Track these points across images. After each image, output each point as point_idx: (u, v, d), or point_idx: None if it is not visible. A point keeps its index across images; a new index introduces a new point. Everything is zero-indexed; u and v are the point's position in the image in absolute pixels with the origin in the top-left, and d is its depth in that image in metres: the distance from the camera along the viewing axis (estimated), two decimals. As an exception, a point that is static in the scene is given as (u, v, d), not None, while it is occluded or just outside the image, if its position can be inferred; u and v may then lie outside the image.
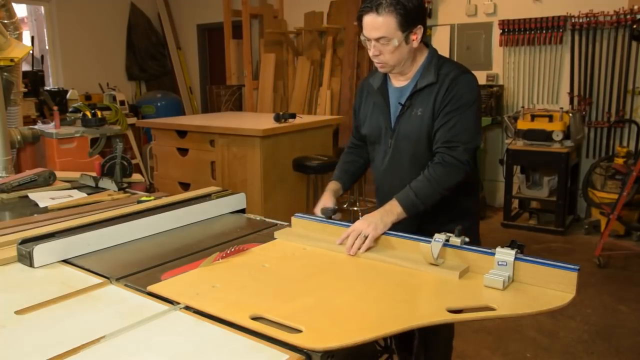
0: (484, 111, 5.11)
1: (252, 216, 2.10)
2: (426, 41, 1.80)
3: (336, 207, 1.81)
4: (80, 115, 4.94)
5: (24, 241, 1.56)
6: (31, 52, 6.08)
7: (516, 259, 1.36)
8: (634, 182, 3.96)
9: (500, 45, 5.23)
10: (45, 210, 2.12)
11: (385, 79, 1.85)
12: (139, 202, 2.08)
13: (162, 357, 1.05)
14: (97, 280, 1.44)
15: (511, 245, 1.39)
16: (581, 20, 4.77)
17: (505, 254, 1.37)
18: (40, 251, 1.53)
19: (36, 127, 4.69)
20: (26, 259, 1.53)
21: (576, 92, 4.95)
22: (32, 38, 6.52)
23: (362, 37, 1.72)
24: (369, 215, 1.64)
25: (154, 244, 1.75)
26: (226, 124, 4.42)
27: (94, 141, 4.89)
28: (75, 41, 6.85)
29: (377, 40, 1.67)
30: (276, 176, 4.12)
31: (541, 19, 4.93)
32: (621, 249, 4.24)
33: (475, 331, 2.99)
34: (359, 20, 1.71)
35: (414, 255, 1.51)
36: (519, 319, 2.74)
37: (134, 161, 3.99)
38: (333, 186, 1.93)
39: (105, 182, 2.45)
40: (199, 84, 7.79)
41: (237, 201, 2.13)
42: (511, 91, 5.30)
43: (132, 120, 6.05)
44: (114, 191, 2.36)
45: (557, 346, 2.87)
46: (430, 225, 1.78)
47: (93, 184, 2.50)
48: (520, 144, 4.72)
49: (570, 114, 4.62)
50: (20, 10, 6.56)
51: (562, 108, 4.66)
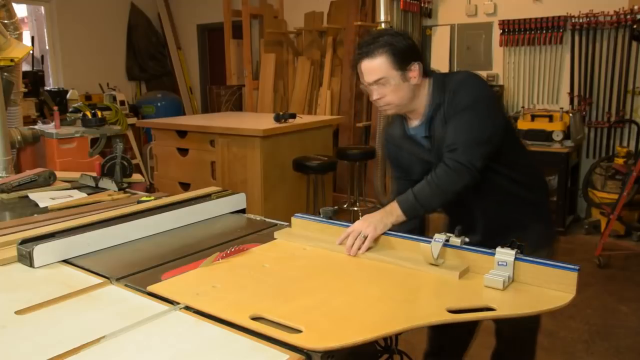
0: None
1: (252, 216, 2.10)
2: (426, 70, 1.78)
3: (337, 207, 1.81)
4: (80, 115, 4.94)
5: (24, 241, 1.56)
6: (31, 52, 6.08)
7: (516, 259, 1.36)
8: (634, 182, 3.96)
9: (501, 45, 5.23)
10: (46, 210, 2.12)
11: (402, 124, 1.85)
12: (139, 202, 2.08)
13: (162, 357, 1.05)
14: (97, 280, 1.44)
15: (511, 245, 1.39)
16: (581, 20, 4.77)
17: (505, 254, 1.37)
18: (41, 251, 1.53)
19: (36, 127, 4.70)
20: (26, 259, 1.53)
21: (576, 92, 4.95)
22: (32, 38, 6.52)
23: (361, 86, 1.76)
24: (369, 216, 1.66)
25: (154, 244, 1.75)
26: (226, 124, 4.42)
27: (94, 141, 4.89)
28: (75, 41, 6.85)
29: (376, 82, 1.70)
30: (276, 176, 4.12)
31: (541, 19, 4.93)
32: (621, 249, 4.24)
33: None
34: (356, 69, 1.74)
35: (414, 255, 1.51)
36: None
37: (134, 161, 3.98)
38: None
39: (106, 182, 2.45)
40: (199, 84, 7.79)
41: (237, 201, 2.14)
42: (511, 91, 5.30)
43: (132, 120, 6.05)
44: (114, 191, 2.37)
45: (557, 346, 2.87)
46: (502, 225, 1.78)
47: (93, 184, 2.50)
48: (520, 144, 4.71)
49: (571, 114, 4.62)
50: (21, 11, 6.56)
51: (562, 108, 4.66)
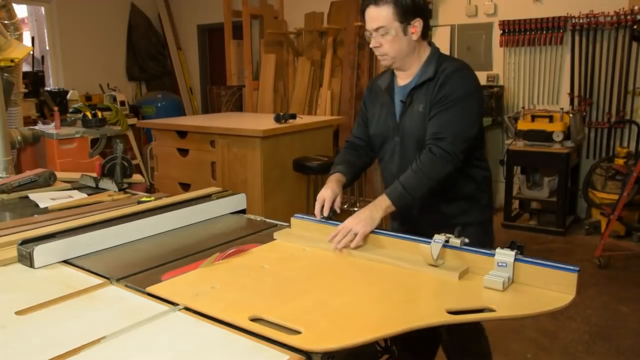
0: (484, 111, 5.10)
1: (252, 216, 2.10)
2: (429, 41, 1.84)
3: (335, 209, 1.80)
4: (80, 115, 4.94)
5: (25, 242, 1.56)
6: (31, 52, 6.08)
7: (516, 260, 1.36)
8: (634, 182, 3.96)
9: (501, 45, 5.23)
10: (46, 210, 2.12)
11: (392, 79, 1.88)
12: (140, 202, 2.08)
13: (162, 358, 1.05)
14: (97, 280, 1.44)
15: (511, 246, 1.39)
16: (581, 21, 4.77)
17: (505, 255, 1.37)
18: (41, 252, 1.53)
19: (36, 127, 4.70)
20: (26, 259, 1.53)
21: (576, 93, 4.95)
22: (33, 38, 6.52)
23: (365, 33, 1.79)
24: (359, 212, 1.66)
25: (154, 244, 1.75)
26: (226, 124, 4.42)
27: (94, 142, 4.89)
28: (75, 42, 6.85)
29: (377, 30, 1.73)
30: (276, 176, 4.12)
31: (541, 19, 4.93)
32: (621, 249, 4.24)
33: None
34: (362, 14, 1.78)
35: (413, 256, 1.50)
36: (519, 319, 2.74)
37: (134, 162, 3.99)
38: (338, 177, 1.90)
39: (106, 183, 2.45)
40: (199, 85, 7.79)
41: (238, 201, 2.14)
42: (511, 92, 5.30)
43: (133, 120, 6.05)
44: (115, 192, 2.36)
45: (558, 346, 2.87)
46: (438, 221, 1.81)
47: (93, 185, 2.50)
48: (520, 145, 4.72)
49: (571, 115, 4.61)
50: (21, 11, 6.56)
51: (562, 108, 4.66)
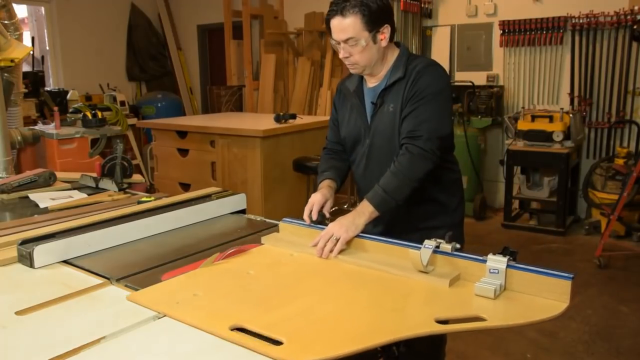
0: (484, 112, 5.12)
1: (252, 217, 2.10)
2: (397, 41, 1.83)
3: (326, 213, 1.77)
4: (80, 115, 4.94)
5: (24, 242, 1.56)
6: (31, 52, 6.08)
7: (508, 266, 1.32)
8: (634, 182, 3.96)
9: (501, 45, 5.23)
10: (46, 210, 2.12)
11: (361, 80, 1.87)
12: (140, 202, 2.08)
13: (162, 358, 1.05)
14: (97, 280, 1.44)
15: (503, 252, 1.35)
16: (581, 21, 4.77)
17: (497, 262, 1.32)
18: (41, 252, 1.53)
19: (36, 127, 4.70)
20: (26, 259, 1.53)
21: (576, 93, 4.95)
22: (33, 39, 6.52)
23: (332, 41, 1.76)
24: (342, 218, 1.63)
25: (154, 244, 1.75)
26: (226, 124, 4.42)
27: (94, 142, 4.89)
28: (75, 42, 6.85)
29: (346, 41, 1.70)
30: (276, 176, 4.12)
31: (541, 19, 4.93)
32: (621, 249, 4.24)
33: (475, 332, 2.98)
34: (327, 24, 1.73)
35: (403, 262, 1.46)
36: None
37: (134, 162, 3.99)
38: (329, 183, 1.89)
39: (106, 183, 2.45)
40: (200, 85, 7.79)
41: (238, 202, 2.14)
42: (511, 92, 5.30)
43: (133, 120, 6.05)
44: (115, 192, 2.36)
45: (558, 347, 2.87)
46: (407, 224, 1.82)
47: (93, 185, 2.50)
48: (520, 145, 4.72)
49: (571, 115, 4.61)
50: (21, 11, 6.56)
51: (562, 109, 4.66)
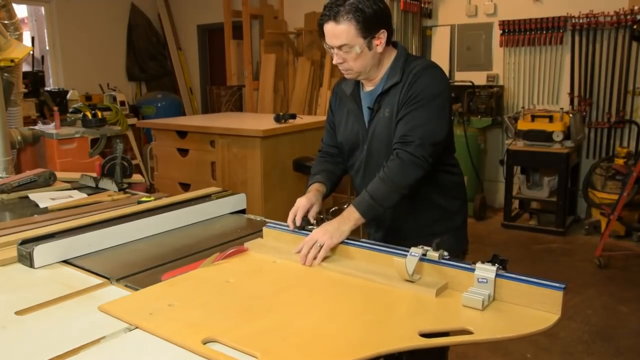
0: (483, 112, 5.12)
1: (252, 217, 2.10)
2: (395, 42, 1.76)
3: (310, 218, 1.72)
4: (80, 115, 4.94)
5: (24, 242, 1.56)
6: (31, 52, 6.08)
7: (497, 275, 1.26)
8: (634, 182, 3.96)
9: (501, 45, 5.23)
10: (46, 210, 2.12)
11: (357, 84, 1.81)
12: (139, 202, 2.08)
13: (162, 358, 1.05)
14: (97, 280, 1.44)
15: (492, 260, 1.29)
16: (581, 21, 4.77)
17: (486, 271, 1.27)
18: (41, 252, 1.53)
19: (36, 127, 4.70)
20: (26, 259, 1.53)
21: (576, 93, 4.95)
22: (33, 38, 6.52)
23: (325, 46, 1.68)
24: (326, 224, 1.58)
25: (154, 244, 1.75)
26: (226, 124, 4.42)
27: (94, 142, 4.89)
28: (75, 42, 6.85)
29: (339, 48, 1.63)
30: (276, 176, 4.11)
31: (541, 19, 4.93)
32: (621, 249, 4.24)
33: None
34: (320, 28, 1.66)
35: (389, 270, 1.40)
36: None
37: (134, 162, 3.98)
38: (317, 187, 1.83)
39: (106, 183, 2.45)
40: (199, 85, 7.79)
41: (238, 201, 2.14)
42: (511, 92, 5.30)
43: (133, 120, 6.05)
44: (114, 192, 2.36)
45: (558, 347, 2.87)
46: (409, 230, 1.79)
47: (93, 185, 2.50)
48: (520, 145, 4.72)
49: (571, 115, 4.62)
50: (21, 11, 6.56)
51: (562, 108, 4.66)
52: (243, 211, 2.15)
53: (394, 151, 1.63)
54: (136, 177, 2.59)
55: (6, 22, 3.74)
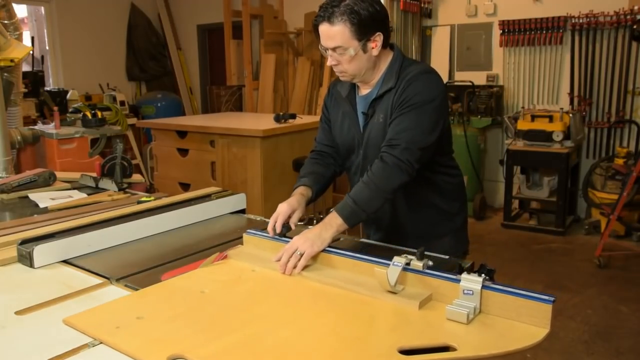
0: (483, 111, 5.12)
1: (252, 216, 2.10)
2: (392, 44, 1.71)
3: (291, 225, 1.66)
4: (80, 115, 4.94)
5: (24, 242, 1.56)
6: (31, 52, 6.08)
7: (484, 287, 1.19)
8: (634, 182, 3.96)
9: (501, 45, 5.23)
10: (45, 210, 2.12)
11: (353, 86, 1.78)
12: (139, 202, 2.08)
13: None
14: (97, 280, 1.44)
15: (479, 270, 1.22)
16: (581, 21, 4.77)
17: (472, 282, 1.20)
18: (40, 252, 1.53)
19: (36, 127, 4.70)
20: (26, 259, 1.53)
21: (576, 93, 4.95)
22: (32, 38, 6.52)
23: (320, 47, 1.65)
24: (308, 231, 1.52)
25: (154, 244, 1.75)
26: (226, 124, 4.42)
27: (94, 141, 4.89)
28: (75, 41, 6.85)
29: (334, 49, 1.59)
30: (276, 176, 4.12)
31: (541, 19, 4.93)
32: (621, 249, 4.24)
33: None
34: (315, 29, 1.62)
35: (371, 280, 1.32)
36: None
37: (134, 162, 3.98)
38: (302, 190, 1.77)
39: (106, 183, 2.45)
40: (199, 85, 7.79)
41: (237, 201, 2.14)
42: (511, 91, 5.30)
43: (132, 120, 6.05)
44: (114, 192, 2.36)
45: (557, 347, 2.87)
46: (409, 231, 1.78)
47: (93, 185, 2.50)
48: (520, 145, 4.72)
49: (571, 115, 4.62)
50: (21, 11, 6.56)
51: (562, 108, 4.66)
52: (243, 211, 2.15)
53: (380, 154, 1.58)
54: (136, 177, 2.59)
55: (6, 22, 3.74)
